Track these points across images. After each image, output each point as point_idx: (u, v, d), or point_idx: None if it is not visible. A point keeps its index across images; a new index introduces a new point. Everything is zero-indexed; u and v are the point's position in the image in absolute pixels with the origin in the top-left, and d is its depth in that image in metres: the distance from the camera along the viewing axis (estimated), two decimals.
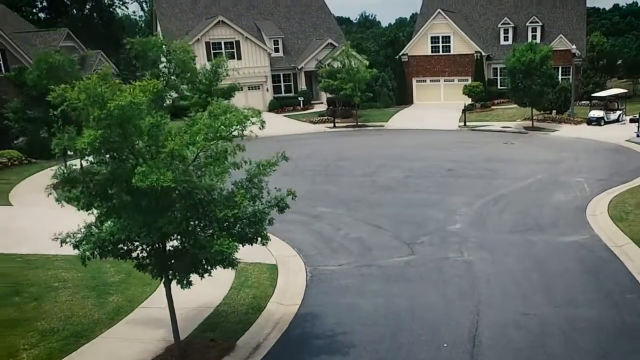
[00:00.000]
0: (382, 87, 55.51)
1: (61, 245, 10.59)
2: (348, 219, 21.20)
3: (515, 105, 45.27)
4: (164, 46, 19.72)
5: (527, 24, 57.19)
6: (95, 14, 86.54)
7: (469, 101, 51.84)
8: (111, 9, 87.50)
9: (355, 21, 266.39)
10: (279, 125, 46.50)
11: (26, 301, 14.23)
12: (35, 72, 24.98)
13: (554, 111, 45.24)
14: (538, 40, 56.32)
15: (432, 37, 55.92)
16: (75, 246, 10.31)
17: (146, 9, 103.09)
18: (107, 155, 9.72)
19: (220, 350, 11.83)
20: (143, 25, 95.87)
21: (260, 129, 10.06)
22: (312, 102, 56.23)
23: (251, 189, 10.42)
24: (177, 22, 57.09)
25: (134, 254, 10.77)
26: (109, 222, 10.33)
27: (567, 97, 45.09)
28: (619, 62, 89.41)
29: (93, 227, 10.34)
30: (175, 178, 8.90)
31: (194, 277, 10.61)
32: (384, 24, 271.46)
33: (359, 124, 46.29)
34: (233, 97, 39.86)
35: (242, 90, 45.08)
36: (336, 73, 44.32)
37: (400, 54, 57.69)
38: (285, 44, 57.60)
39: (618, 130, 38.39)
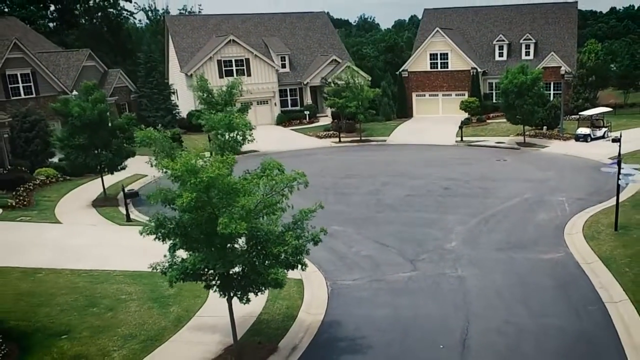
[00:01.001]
0: (383, 97, 58.59)
1: (153, 270, 13.88)
2: (358, 237, 24.61)
3: None
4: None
5: (521, 41, 60.71)
6: (104, 25, 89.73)
7: (465, 115, 55.46)
8: (119, 19, 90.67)
9: (355, 23, 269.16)
10: (289, 140, 50.02)
11: (103, 311, 17.62)
12: (79, 104, 28.23)
13: (545, 127, 48.66)
14: (531, 56, 60.04)
15: (430, 54, 59.38)
16: (164, 272, 13.69)
17: (152, 17, 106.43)
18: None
19: (266, 351, 15.23)
20: (149, 34, 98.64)
21: (299, 188, 13.37)
22: (317, 115, 59.67)
23: (296, 230, 13.81)
24: (189, 40, 60.47)
25: (204, 277, 14.13)
26: (187, 254, 13.75)
27: (557, 114, 48.51)
28: (613, 68, 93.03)
29: (177, 257, 13.71)
30: (247, 226, 12.31)
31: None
32: (383, 26, 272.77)
33: (362, 138, 49.73)
34: (247, 115, 43.39)
35: (251, 105, 48.56)
36: (341, 92, 47.70)
37: (401, 70, 61.07)
38: (292, 60, 61.00)
39: (602, 148, 41.71)
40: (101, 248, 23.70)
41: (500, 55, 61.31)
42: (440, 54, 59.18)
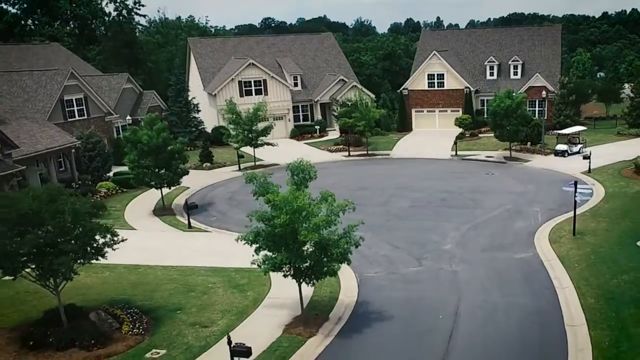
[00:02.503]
0: (383, 108, 65.60)
1: (252, 264, 21.29)
2: (376, 240, 31.95)
3: None
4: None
5: (510, 62, 68.34)
6: (121, 40, 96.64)
7: (460, 130, 63.07)
8: (133, 32, 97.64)
9: (351, 27, 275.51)
10: (304, 154, 57.19)
11: (199, 295, 25.00)
12: (147, 133, 35.52)
13: (529, 143, 56.21)
14: (519, 76, 67.70)
15: (428, 74, 66.95)
16: (259, 265, 21.08)
17: (160, 29, 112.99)
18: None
19: (322, 320, 22.61)
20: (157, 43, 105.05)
21: (348, 212, 20.78)
22: (327, 129, 67.11)
23: (346, 237, 21.19)
24: (210, 60, 67.85)
25: (283, 269, 21.46)
26: (270, 253, 21.11)
27: (539, 131, 56.06)
28: (602, 75, 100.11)
29: (267, 254, 21.04)
30: (317, 236, 19.72)
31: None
32: (379, 30, 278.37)
33: (369, 152, 57.20)
34: (269, 134, 50.96)
35: (273, 122, 55.79)
36: (351, 112, 55.11)
37: (402, 88, 68.60)
38: (303, 79, 68.45)
39: (577, 163, 48.97)
40: (177, 249, 31.05)
41: (491, 74, 68.94)
42: (437, 75, 66.76)
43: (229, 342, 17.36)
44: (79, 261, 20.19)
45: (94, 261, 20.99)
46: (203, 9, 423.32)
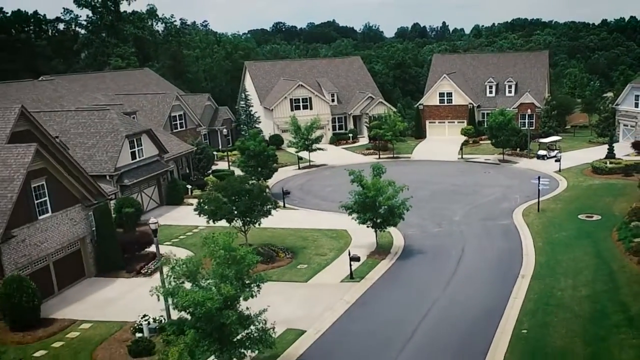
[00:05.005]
0: (397, 114, 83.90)
1: (353, 219, 39.84)
2: (411, 215, 50.09)
3: None
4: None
5: (505, 82, 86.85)
6: (169, 54, 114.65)
7: (464, 138, 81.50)
8: (180, 49, 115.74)
9: (359, 31, 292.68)
10: (344, 157, 75.98)
11: (311, 242, 43.41)
12: (252, 142, 53.90)
13: (518, 149, 74.57)
14: (513, 93, 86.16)
15: (439, 93, 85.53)
16: (360, 222, 39.57)
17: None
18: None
19: (386, 253, 41.06)
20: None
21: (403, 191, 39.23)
22: (358, 136, 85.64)
23: (404, 204, 39.55)
24: (264, 80, 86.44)
25: (367, 222, 39.82)
26: (360, 214, 39.53)
27: (526, 140, 74.45)
28: (596, 84, 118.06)
29: (358, 214, 39.48)
30: (389, 203, 38.16)
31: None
32: (387, 33, 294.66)
33: (394, 155, 75.65)
34: (320, 141, 69.47)
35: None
36: (381, 125, 73.54)
37: (418, 104, 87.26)
38: (338, 96, 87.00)
39: (552, 164, 67.36)
40: (284, 219, 49.28)
41: (490, 92, 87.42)
42: (447, 93, 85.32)
43: (349, 254, 35.84)
44: (260, 217, 38.62)
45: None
46: (213, 13, 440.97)
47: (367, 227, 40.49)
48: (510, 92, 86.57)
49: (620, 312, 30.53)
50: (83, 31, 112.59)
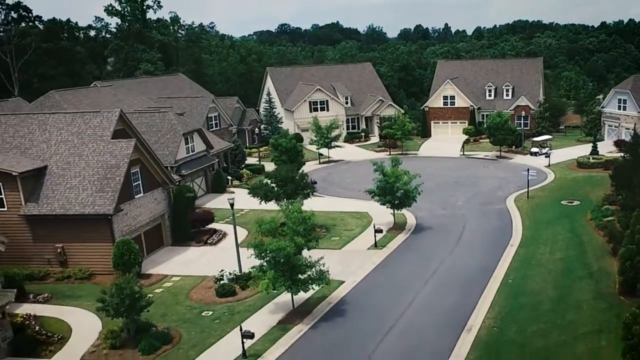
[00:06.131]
0: (405, 116, 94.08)
1: (374, 200, 50.03)
2: (421, 200, 60.16)
3: None
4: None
5: (503, 86, 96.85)
6: (191, 58, 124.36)
7: (466, 137, 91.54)
8: (200, 53, 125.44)
9: (363, 32, 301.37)
10: (359, 153, 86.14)
11: (339, 221, 53.40)
12: (284, 140, 63.92)
13: (514, 146, 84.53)
14: (510, 97, 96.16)
15: (443, 96, 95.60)
16: (382, 203, 49.68)
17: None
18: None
19: (400, 229, 51.10)
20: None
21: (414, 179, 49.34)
22: (369, 135, 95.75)
23: (417, 189, 49.59)
24: (284, 83, 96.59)
25: (387, 204, 49.88)
26: (381, 197, 49.62)
27: (520, 139, 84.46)
28: (590, 85, 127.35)
29: (379, 197, 49.59)
30: (405, 187, 48.19)
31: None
32: (390, 34, 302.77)
33: (403, 152, 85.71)
34: (338, 139, 79.63)
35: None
36: (392, 125, 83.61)
37: (424, 106, 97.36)
38: (352, 98, 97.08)
39: (543, 160, 77.21)
40: (317, 203, 59.20)
41: (489, 95, 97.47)
42: (450, 96, 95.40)
43: (374, 227, 45.92)
44: (303, 199, 48.67)
45: None
46: (217, 14, 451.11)
47: (387, 207, 50.52)
48: (507, 95, 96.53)
49: (584, 269, 40.62)
50: (111, 37, 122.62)
